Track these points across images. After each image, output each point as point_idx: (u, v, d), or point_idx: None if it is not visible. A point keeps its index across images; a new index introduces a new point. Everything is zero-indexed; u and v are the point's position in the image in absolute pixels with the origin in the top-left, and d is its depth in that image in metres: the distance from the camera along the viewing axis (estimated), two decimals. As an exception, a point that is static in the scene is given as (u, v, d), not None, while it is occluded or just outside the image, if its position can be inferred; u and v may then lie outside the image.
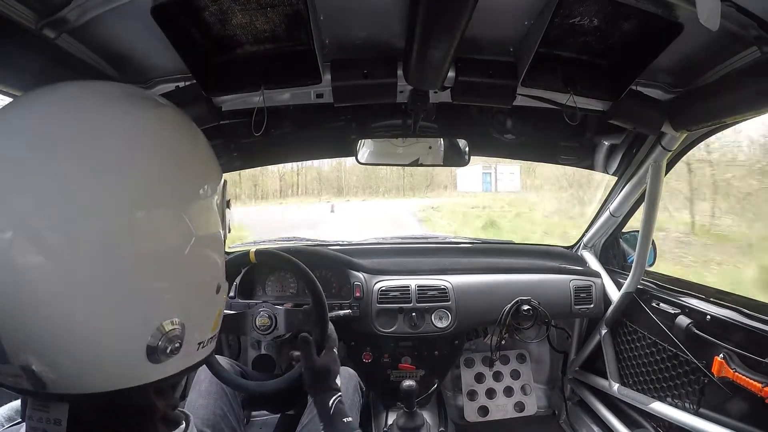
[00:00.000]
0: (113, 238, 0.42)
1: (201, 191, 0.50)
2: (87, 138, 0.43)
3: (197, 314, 0.51)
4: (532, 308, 1.67)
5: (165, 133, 0.50)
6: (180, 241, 0.47)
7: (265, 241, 2.15)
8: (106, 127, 0.45)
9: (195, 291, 0.50)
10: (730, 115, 0.98)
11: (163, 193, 0.46)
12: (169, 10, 0.80)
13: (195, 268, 0.49)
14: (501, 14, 0.93)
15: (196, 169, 0.52)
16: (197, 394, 1.16)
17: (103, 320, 0.43)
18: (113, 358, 0.44)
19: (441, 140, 1.65)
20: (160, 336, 0.45)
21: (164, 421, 0.52)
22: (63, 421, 0.44)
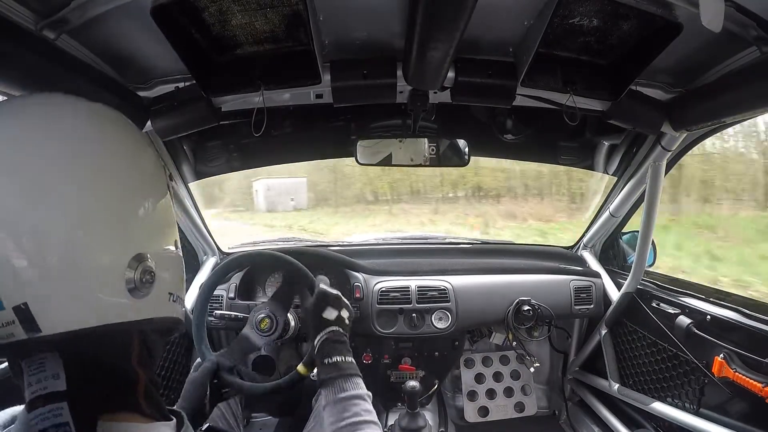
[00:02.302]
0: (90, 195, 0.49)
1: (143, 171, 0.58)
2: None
3: (164, 260, 0.56)
4: (532, 309, 1.67)
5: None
6: (141, 196, 0.55)
7: (265, 241, 2.15)
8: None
9: (158, 235, 0.57)
10: (729, 115, 0.98)
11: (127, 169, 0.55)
12: (168, 10, 0.80)
13: (155, 216, 0.57)
14: (501, 14, 0.93)
15: (133, 151, 0.58)
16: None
17: (89, 254, 0.48)
18: (100, 288, 0.48)
19: (441, 141, 1.65)
20: (136, 266, 0.51)
21: (147, 398, 0.53)
22: (61, 373, 0.47)
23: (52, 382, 0.47)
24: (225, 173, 1.82)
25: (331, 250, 1.82)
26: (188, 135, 1.33)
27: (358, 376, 0.85)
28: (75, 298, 0.47)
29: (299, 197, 14.37)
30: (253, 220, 13.83)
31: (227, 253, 1.93)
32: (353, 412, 0.78)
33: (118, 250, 0.50)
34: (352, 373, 0.85)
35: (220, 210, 33.81)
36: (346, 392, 0.81)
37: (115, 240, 0.50)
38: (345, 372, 0.84)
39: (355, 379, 0.84)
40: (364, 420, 0.77)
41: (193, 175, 1.66)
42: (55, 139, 0.50)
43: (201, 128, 1.13)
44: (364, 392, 0.82)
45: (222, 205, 32.46)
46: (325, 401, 0.82)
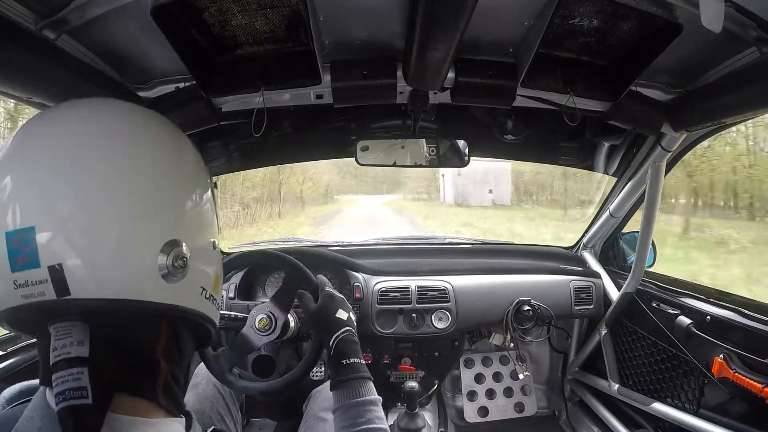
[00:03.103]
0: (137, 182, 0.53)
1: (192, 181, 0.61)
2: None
3: (199, 253, 0.58)
4: (532, 309, 1.68)
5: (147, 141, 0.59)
6: (187, 190, 0.59)
7: (265, 241, 2.15)
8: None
9: (196, 227, 0.59)
10: (729, 116, 0.98)
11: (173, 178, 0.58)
12: (168, 10, 0.80)
13: (194, 210, 0.59)
14: (501, 15, 0.93)
15: (187, 162, 0.62)
16: (194, 396, 1.16)
17: (128, 231, 0.51)
18: (132, 263, 0.51)
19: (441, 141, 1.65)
20: (170, 250, 0.53)
21: (166, 390, 0.54)
22: (86, 341, 0.48)
23: (77, 348, 0.48)
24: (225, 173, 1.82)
25: (331, 250, 1.82)
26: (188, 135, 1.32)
27: (371, 380, 0.86)
28: (107, 268, 0.49)
29: (500, 189, 10.57)
30: (433, 212, 12.67)
31: (227, 253, 1.93)
32: (367, 418, 0.78)
33: (156, 232, 0.53)
34: (367, 377, 0.85)
35: (400, 196, 28.39)
36: (361, 397, 0.81)
37: (153, 222, 0.53)
38: (362, 374, 0.85)
39: (369, 384, 0.85)
40: (378, 427, 0.77)
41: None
42: (101, 137, 0.54)
43: (201, 128, 1.13)
44: (377, 398, 0.83)
45: (405, 189, 32.31)
46: (337, 404, 0.82)
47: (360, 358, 0.88)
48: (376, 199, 35.07)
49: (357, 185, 42.57)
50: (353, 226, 14.97)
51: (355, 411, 0.79)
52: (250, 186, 15.24)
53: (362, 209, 23.29)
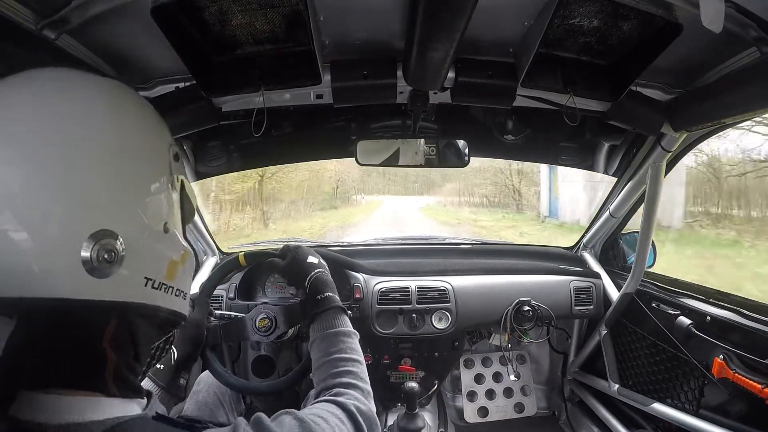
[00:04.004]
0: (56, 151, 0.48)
1: (150, 137, 0.58)
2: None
3: (140, 242, 0.53)
4: (532, 309, 1.67)
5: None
6: (118, 158, 0.52)
7: (265, 242, 2.15)
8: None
9: (135, 214, 0.53)
10: (729, 116, 0.98)
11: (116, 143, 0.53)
12: (169, 10, 0.80)
13: (134, 194, 0.54)
14: (501, 15, 0.93)
15: (136, 126, 0.58)
16: (194, 404, 1.15)
17: (43, 222, 0.46)
18: (51, 259, 0.46)
19: (441, 141, 1.65)
20: (95, 242, 0.48)
21: (117, 379, 0.51)
22: (2, 340, 0.46)
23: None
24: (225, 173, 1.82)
25: (331, 250, 1.82)
26: (188, 135, 1.33)
27: (346, 312, 0.88)
28: (23, 264, 0.45)
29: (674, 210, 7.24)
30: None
31: (227, 254, 1.93)
32: (339, 347, 0.79)
33: (78, 221, 0.48)
34: (341, 308, 0.88)
35: (439, 199, 25.79)
36: (334, 328, 0.83)
37: (76, 210, 0.48)
38: (335, 305, 0.87)
39: (343, 317, 0.87)
40: (349, 357, 0.78)
41: (194, 176, 1.66)
42: (17, 109, 0.49)
43: (201, 128, 1.13)
44: (351, 330, 0.85)
45: (446, 191, 23.66)
46: (313, 336, 0.84)
47: (334, 293, 0.90)
48: (406, 203, 26.74)
49: (384, 184, 32.92)
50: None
51: (328, 341, 0.81)
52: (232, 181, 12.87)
53: (389, 217, 17.52)
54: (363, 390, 0.73)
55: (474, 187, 22.90)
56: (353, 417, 0.65)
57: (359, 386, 0.73)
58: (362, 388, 0.73)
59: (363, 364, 0.79)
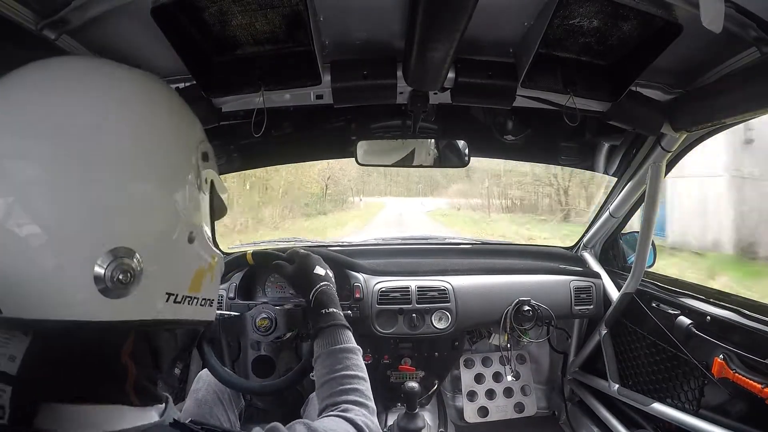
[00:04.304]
0: (70, 158, 0.44)
1: (173, 137, 0.53)
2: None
3: (161, 256, 0.49)
4: (532, 309, 1.67)
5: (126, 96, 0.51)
6: (136, 173, 0.48)
7: (265, 241, 2.15)
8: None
9: (156, 226, 0.49)
10: (729, 116, 0.98)
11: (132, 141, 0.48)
12: (169, 10, 0.80)
13: (165, 201, 0.50)
14: (501, 15, 0.93)
15: (164, 124, 0.53)
16: (194, 403, 1.15)
17: (53, 241, 0.43)
18: (61, 279, 0.44)
19: (441, 141, 1.65)
20: (109, 262, 0.44)
21: (138, 391, 0.51)
22: (18, 358, 0.44)
23: (6, 362, 0.44)
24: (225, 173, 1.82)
25: (331, 250, 1.82)
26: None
27: (350, 329, 0.88)
28: (34, 285, 0.43)
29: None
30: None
31: (227, 254, 1.93)
32: (345, 365, 0.80)
33: (89, 239, 0.44)
34: (346, 326, 0.88)
35: (451, 201, 22.80)
36: (339, 344, 0.83)
37: (87, 226, 0.44)
38: (339, 322, 0.87)
39: (347, 333, 0.87)
40: (355, 375, 0.79)
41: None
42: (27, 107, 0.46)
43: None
44: (356, 346, 0.85)
45: (460, 192, 20.59)
46: (318, 352, 0.84)
47: (339, 309, 0.90)
48: (410, 205, 23.84)
49: (386, 185, 29.52)
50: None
51: (334, 358, 0.81)
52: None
53: (394, 223, 15.32)
54: (369, 408, 0.74)
55: (506, 188, 18.00)
56: (362, 430, 0.66)
57: (366, 404, 0.74)
58: (368, 406, 0.74)
59: (368, 381, 0.80)
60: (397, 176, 28.04)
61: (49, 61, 0.51)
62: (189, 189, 0.53)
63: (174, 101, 0.56)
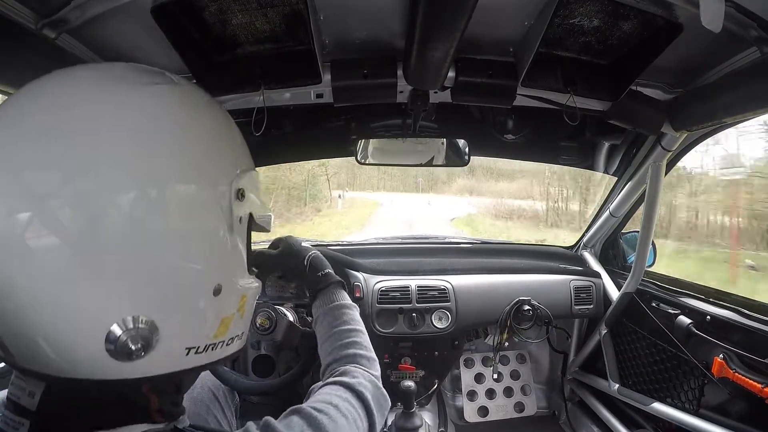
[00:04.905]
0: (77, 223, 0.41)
1: (195, 180, 0.47)
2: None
3: (180, 316, 0.47)
4: (532, 308, 1.67)
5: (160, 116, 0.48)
6: (151, 232, 0.43)
7: (264, 241, 2.14)
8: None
9: (175, 289, 0.46)
10: (730, 116, 0.98)
11: (140, 179, 0.44)
12: (169, 9, 0.80)
13: (173, 263, 0.45)
14: (501, 14, 0.93)
15: (195, 154, 0.48)
16: (190, 400, 1.13)
17: (59, 306, 0.41)
18: (70, 346, 0.43)
19: (441, 140, 1.65)
20: (119, 333, 0.42)
21: (162, 413, 0.51)
22: (37, 395, 0.45)
23: (26, 398, 0.45)
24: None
25: (331, 250, 1.82)
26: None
27: (345, 287, 0.93)
28: (41, 345, 0.42)
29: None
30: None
31: None
32: (343, 320, 0.84)
33: (101, 306, 0.42)
34: (341, 284, 0.92)
35: (473, 201, 17.56)
36: (336, 302, 0.88)
37: (98, 292, 0.42)
38: (336, 281, 0.91)
39: (342, 291, 0.91)
40: (354, 328, 0.83)
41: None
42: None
43: None
44: (351, 303, 0.89)
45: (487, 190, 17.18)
46: (316, 312, 0.88)
47: (331, 270, 0.94)
48: (412, 205, 18.11)
49: (378, 179, 24.00)
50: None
51: (332, 315, 0.85)
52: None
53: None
54: (369, 359, 0.80)
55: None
56: (362, 397, 0.67)
57: (366, 355, 0.79)
58: (368, 357, 0.80)
59: (365, 333, 0.84)
60: (392, 168, 18.80)
61: (66, 71, 0.48)
62: (215, 242, 0.49)
63: (204, 131, 0.51)
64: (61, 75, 0.47)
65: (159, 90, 0.49)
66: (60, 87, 0.45)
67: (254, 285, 0.58)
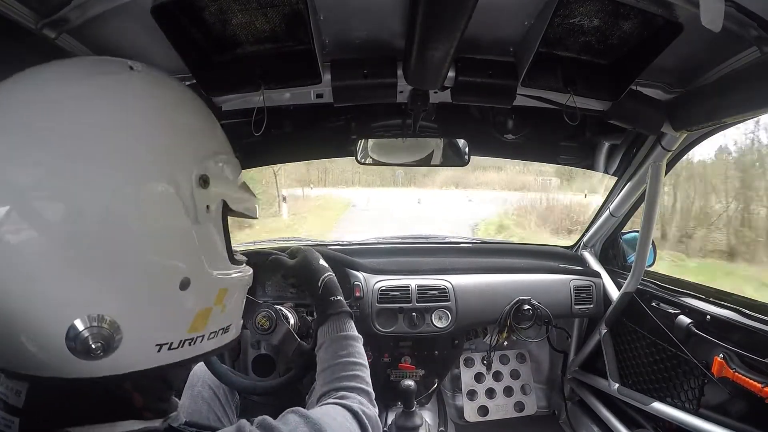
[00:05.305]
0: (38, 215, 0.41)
1: (146, 170, 0.46)
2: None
3: (145, 311, 0.46)
4: (532, 308, 1.68)
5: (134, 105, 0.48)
6: (107, 226, 0.43)
7: (264, 241, 2.15)
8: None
9: (136, 284, 0.45)
10: (730, 115, 0.98)
11: (110, 170, 0.44)
12: (169, 9, 0.80)
13: (133, 258, 0.44)
14: (501, 14, 0.93)
15: (143, 144, 0.47)
16: (189, 398, 1.14)
17: (19, 306, 0.41)
18: (36, 344, 0.43)
19: (441, 140, 1.65)
20: (80, 330, 0.42)
21: (150, 409, 0.51)
22: (22, 393, 0.45)
23: (13, 397, 0.45)
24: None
25: (331, 249, 1.82)
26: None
27: (353, 318, 0.92)
28: (13, 342, 0.42)
29: None
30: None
31: None
32: (348, 351, 0.83)
33: (54, 304, 0.42)
34: (350, 314, 0.92)
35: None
36: (345, 332, 0.87)
37: (52, 288, 0.42)
38: (346, 310, 0.91)
39: (351, 322, 0.91)
40: (358, 362, 0.82)
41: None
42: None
43: None
44: (358, 335, 0.89)
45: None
46: (322, 339, 0.87)
47: (343, 297, 0.94)
48: (397, 202, 15.18)
49: (352, 173, 21.17)
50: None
51: (338, 344, 0.84)
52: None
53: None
54: (369, 394, 0.76)
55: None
56: (359, 418, 0.67)
57: (365, 390, 0.76)
58: (368, 392, 0.76)
59: (368, 369, 0.82)
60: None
61: (46, 65, 0.49)
62: (176, 234, 0.47)
63: (153, 119, 0.49)
64: (28, 74, 0.47)
65: (107, 81, 0.48)
66: (27, 85, 0.46)
67: (236, 276, 0.56)
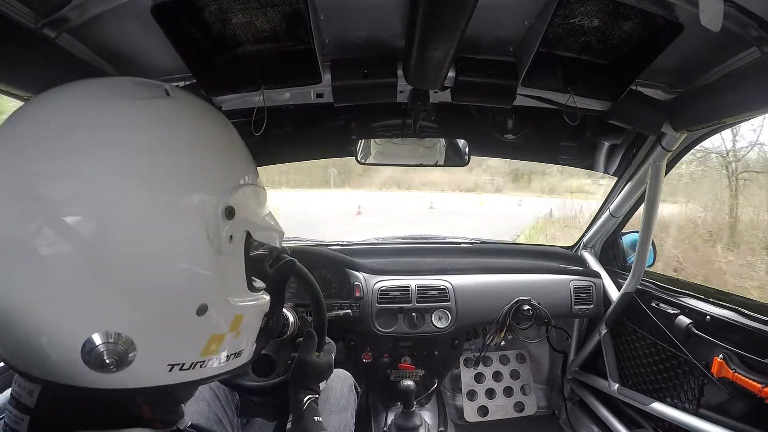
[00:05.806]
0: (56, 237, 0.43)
1: (174, 200, 0.47)
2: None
3: (160, 333, 0.47)
4: (531, 308, 1.68)
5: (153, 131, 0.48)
6: (132, 249, 0.44)
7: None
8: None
9: (154, 307, 0.46)
10: (730, 116, 0.98)
11: (130, 195, 0.45)
12: (169, 9, 0.80)
13: (153, 282, 0.45)
14: (501, 14, 0.93)
15: (173, 174, 0.47)
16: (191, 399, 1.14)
17: (42, 314, 0.43)
18: (51, 351, 0.44)
19: (441, 140, 1.65)
20: (97, 344, 0.43)
21: (160, 419, 0.52)
22: (35, 393, 0.47)
23: (26, 395, 0.47)
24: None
25: (331, 249, 1.82)
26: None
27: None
28: (33, 349, 0.44)
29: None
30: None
31: None
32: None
33: (79, 315, 0.44)
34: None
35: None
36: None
37: (75, 306, 0.43)
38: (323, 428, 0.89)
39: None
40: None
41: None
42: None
43: None
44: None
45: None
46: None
47: (322, 417, 0.92)
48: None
49: (278, 171, 15.17)
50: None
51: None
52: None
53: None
54: None
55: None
56: None
57: None
58: None
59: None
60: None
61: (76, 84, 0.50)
62: (199, 262, 0.48)
63: (182, 149, 0.49)
64: (66, 90, 0.49)
65: (144, 106, 0.49)
66: (63, 101, 0.48)
67: (252, 303, 0.56)
